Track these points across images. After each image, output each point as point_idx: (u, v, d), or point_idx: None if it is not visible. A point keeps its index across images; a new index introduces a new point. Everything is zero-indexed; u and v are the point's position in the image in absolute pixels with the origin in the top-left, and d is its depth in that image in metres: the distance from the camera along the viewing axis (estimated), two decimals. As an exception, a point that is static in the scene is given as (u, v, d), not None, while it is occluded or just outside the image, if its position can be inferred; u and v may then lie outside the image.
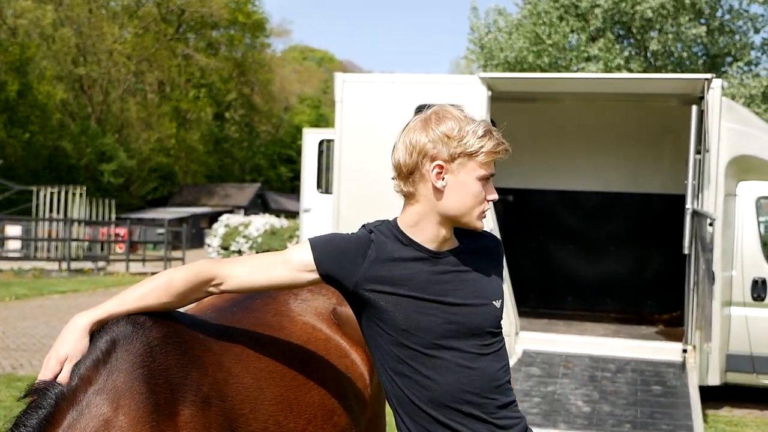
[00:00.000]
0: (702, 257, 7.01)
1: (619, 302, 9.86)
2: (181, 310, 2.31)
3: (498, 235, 2.55)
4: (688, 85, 7.99)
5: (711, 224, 7.01)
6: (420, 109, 2.39)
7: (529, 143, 9.82)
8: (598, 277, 9.91)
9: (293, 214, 44.48)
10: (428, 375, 2.20)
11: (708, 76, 7.38)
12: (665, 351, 7.56)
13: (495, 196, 2.25)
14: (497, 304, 2.28)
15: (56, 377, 1.99)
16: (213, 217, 41.77)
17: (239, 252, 28.69)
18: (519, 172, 9.93)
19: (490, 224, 7.41)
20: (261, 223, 29.51)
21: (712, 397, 7.99)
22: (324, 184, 11.14)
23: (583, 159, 9.96)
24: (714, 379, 7.52)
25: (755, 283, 7.76)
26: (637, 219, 9.89)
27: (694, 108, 7.35)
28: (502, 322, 2.34)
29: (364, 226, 2.34)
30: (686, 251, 7.29)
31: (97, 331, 2.08)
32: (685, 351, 7.43)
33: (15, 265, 22.32)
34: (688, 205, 7.27)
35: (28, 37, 42.47)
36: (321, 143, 11.28)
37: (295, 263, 2.25)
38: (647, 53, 21.55)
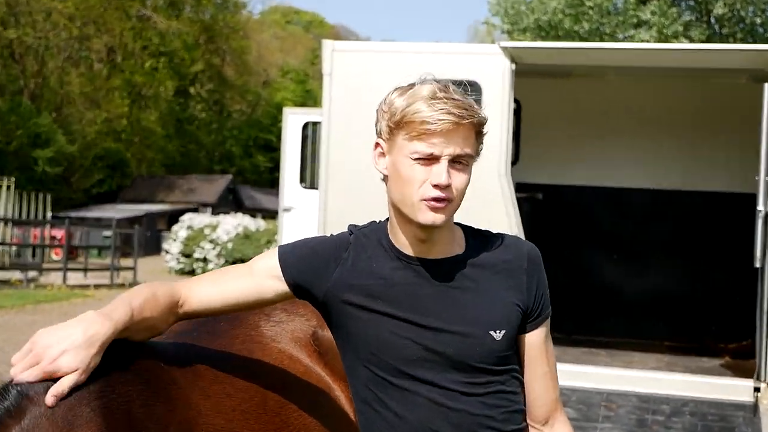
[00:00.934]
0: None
1: (674, 327, 9.84)
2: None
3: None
4: (760, 58, 7.95)
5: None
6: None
7: (562, 129, 9.80)
8: (648, 296, 9.89)
9: (272, 214, 44.53)
10: (395, 410, 2.24)
11: (786, 46, 7.35)
12: (732, 389, 7.52)
13: (440, 180, 2.17)
14: (497, 335, 2.25)
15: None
16: (173, 217, 41.80)
17: (204, 260, 28.76)
18: (550, 164, 9.91)
19: (513, 229, 7.37)
20: (232, 224, 29.57)
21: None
22: (309, 176, 11.12)
23: (629, 149, 9.96)
24: (792, 425, 7.48)
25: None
26: (695, 223, 9.88)
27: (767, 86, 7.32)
28: (509, 356, 2.31)
29: (349, 227, 2.41)
30: (758, 264, 7.26)
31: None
32: (757, 390, 7.40)
33: (-74, 274, 22.33)
34: (760, 207, 7.25)
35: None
36: (306, 126, 11.27)
37: (260, 270, 2.34)
38: (710, 18, 21.56)
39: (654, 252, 9.98)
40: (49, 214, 31.04)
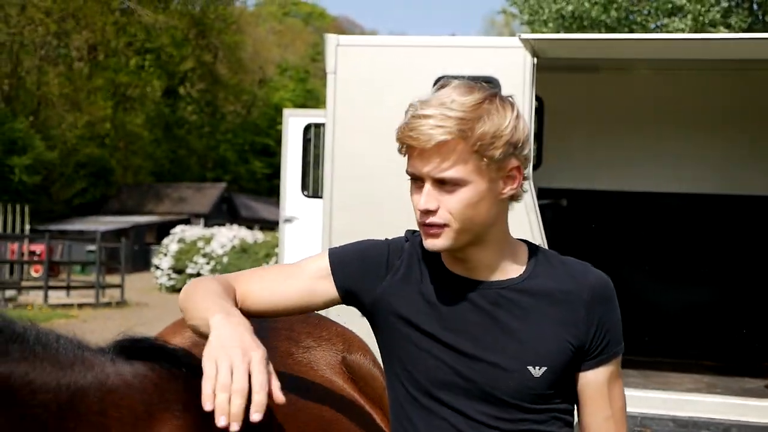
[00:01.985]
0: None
1: (714, 345, 9.83)
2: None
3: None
4: (808, 49, 7.98)
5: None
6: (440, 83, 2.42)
7: (588, 129, 9.81)
8: (685, 311, 9.88)
9: (270, 225, 44.55)
10: (420, 431, 2.29)
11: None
12: (778, 412, 7.52)
13: (418, 205, 2.21)
14: (536, 371, 2.25)
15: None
16: (162, 229, 41.90)
17: (197, 276, 28.79)
18: (574, 167, 9.92)
19: (535, 240, 7.41)
20: (227, 237, 29.63)
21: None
22: (312, 184, 11.15)
23: (663, 151, 9.95)
24: None
25: None
26: (736, 231, 9.87)
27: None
28: (551, 394, 2.29)
29: (406, 232, 2.46)
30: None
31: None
32: (805, 412, 7.40)
33: None
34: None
35: None
36: (308, 129, 11.30)
37: (311, 271, 2.40)
38: (752, 4, 21.55)
39: (690, 262, 9.96)
40: (27, 228, 31.14)
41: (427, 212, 2.20)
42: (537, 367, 2.24)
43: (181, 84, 57.77)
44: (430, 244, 2.23)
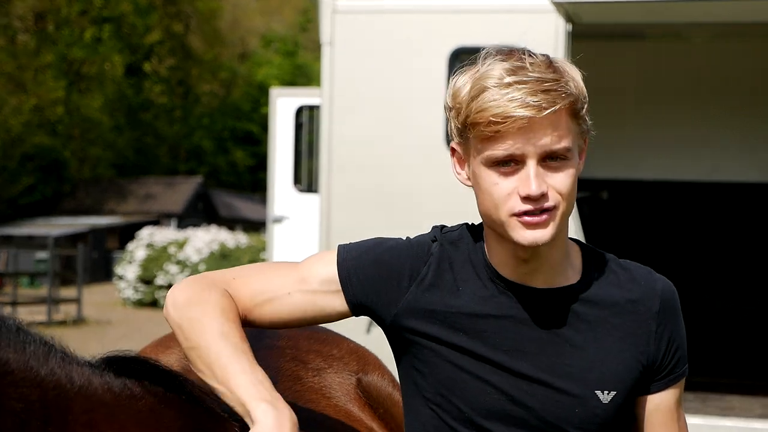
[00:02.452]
0: None
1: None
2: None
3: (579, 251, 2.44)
4: None
5: None
6: (456, 57, 2.46)
7: (633, 108, 9.83)
8: (750, 322, 9.88)
9: (255, 226, 44.55)
10: None
11: None
12: None
13: (529, 190, 2.16)
14: (605, 397, 2.27)
15: None
16: (126, 232, 41.90)
17: (169, 287, 28.74)
18: (618, 154, 9.94)
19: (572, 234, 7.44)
20: (204, 240, 29.58)
21: None
22: (306, 176, 11.19)
23: (723, 133, 9.95)
24: None
25: None
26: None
27: None
28: (614, 425, 2.31)
29: (433, 230, 2.43)
30: None
31: None
32: None
33: None
34: None
35: None
36: (300, 112, 11.33)
37: (315, 281, 2.37)
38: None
39: (756, 264, 9.97)
40: (-35, 233, 31.18)
41: (538, 197, 2.16)
42: (606, 392, 2.26)
43: (146, 60, 57.70)
44: (532, 236, 2.18)
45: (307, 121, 11.19)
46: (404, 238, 2.42)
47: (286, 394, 2.79)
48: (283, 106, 11.44)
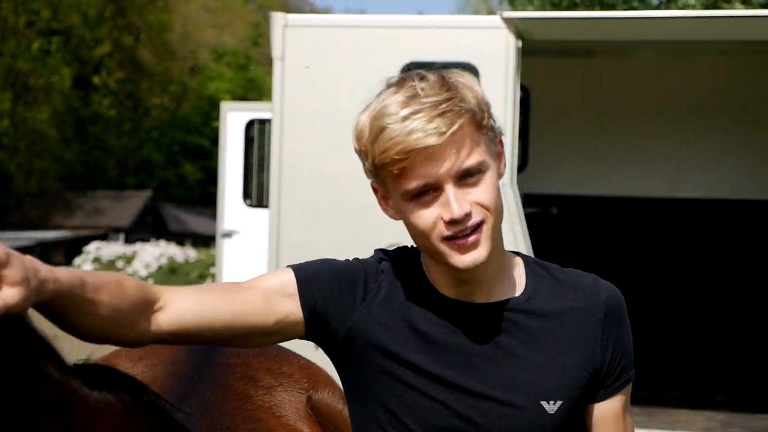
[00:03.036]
0: None
1: (730, 378, 9.90)
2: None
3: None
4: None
5: None
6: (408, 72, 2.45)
7: (582, 124, 9.88)
8: (696, 336, 9.94)
9: (205, 241, 44.33)
10: None
11: None
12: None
13: (452, 213, 2.17)
14: (550, 407, 2.28)
15: None
16: (73, 247, 41.58)
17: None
18: (567, 169, 9.99)
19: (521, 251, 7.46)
20: (153, 255, 29.46)
21: None
22: (256, 191, 11.17)
23: (670, 149, 10.01)
24: None
25: None
26: (758, 242, 9.94)
27: None
28: None
29: (376, 252, 2.42)
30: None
31: None
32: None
33: None
34: None
35: None
36: (250, 126, 11.32)
37: (268, 284, 2.29)
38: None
39: (703, 279, 10.02)
40: None
41: (465, 217, 2.17)
42: (551, 402, 2.27)
43: (95, 72, 57.35)
44: (475, 256, 2.20)
45: (257, 135, 11.19)
46: (351, 259, 2.41)
47: (236, 413, 2.82)
48: (234, 120, 11.44)
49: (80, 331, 2.11)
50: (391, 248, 2.43)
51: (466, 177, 2.19)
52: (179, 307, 2.19)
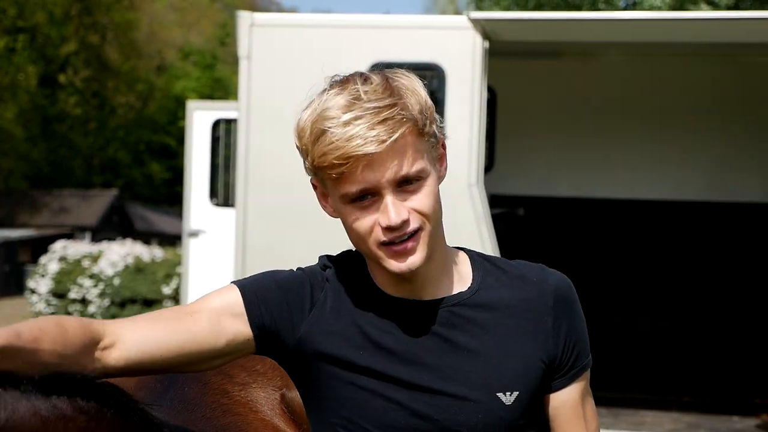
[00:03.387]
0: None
1: (696, 379, 9.93)
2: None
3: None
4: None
5: None
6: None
7: (549, 125, 9.90)
8: (662, 338, 9.97)
9: (171, 240, 44.25)
10: None
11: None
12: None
13: (389, 221, 2.18)
14: (507, 399, 2.28)
15: None
16: (39, 245, 41.37)
17: (82, 301, 28.53)
18: (533, 170, 10.01)
19: (488, 251, 7.46)
20: (119, 254, 29.28)
21: None
22: (222, 190, 11.14)
23: (636, 150, 10.05)
24: None
25: None
26: (724, 244, 9.98)
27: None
28: (523, 425, 2.32)
29: (321, 259, 2.43)
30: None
31: None
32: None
33: None
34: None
35: None
36: (217, 125, 11.29)
37: (214, 306, 2.29)
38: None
39: (669, 281, 10.06)
40: None
41: (402, 224, 2.18)
42: (508, 394, 2.27)
43: (61, 71, 57.05)
44: (410, 262, 2.21)
45: (223, 134, 11.16)
46: (295, 269, 2.41)
47: (215, 407, 2.85)
48: (200, 120, 11.40)
49: None
50: (336, 255, 2.44)
51: (405, 184, 2.20)
52: (125, 343, 2.19)
